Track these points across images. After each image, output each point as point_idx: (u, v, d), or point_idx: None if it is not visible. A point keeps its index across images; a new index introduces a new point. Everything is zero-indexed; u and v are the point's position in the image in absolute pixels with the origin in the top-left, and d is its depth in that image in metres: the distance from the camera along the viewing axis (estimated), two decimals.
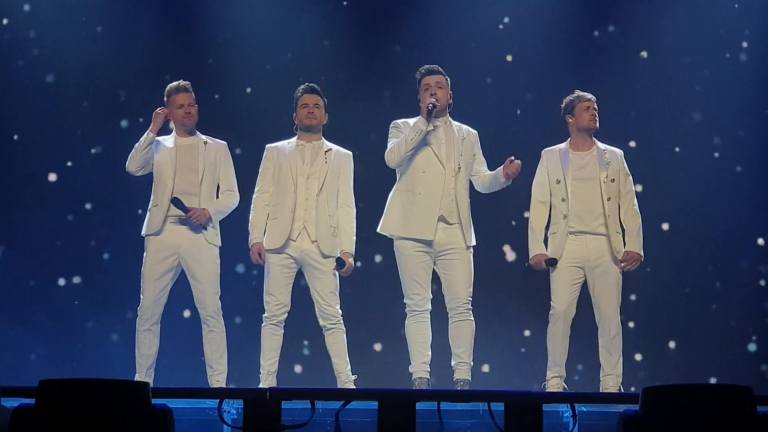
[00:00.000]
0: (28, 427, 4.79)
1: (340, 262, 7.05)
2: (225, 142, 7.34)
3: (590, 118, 7.12)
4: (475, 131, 7.19)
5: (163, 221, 7.11)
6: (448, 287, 7.01)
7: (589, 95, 7.16)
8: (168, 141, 7.24)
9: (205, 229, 7.11)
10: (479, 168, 7.15)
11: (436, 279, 7.08)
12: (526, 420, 5.73)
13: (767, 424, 4.87)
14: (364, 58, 8.93)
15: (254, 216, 7.14)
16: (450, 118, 7.13)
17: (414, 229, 6.97)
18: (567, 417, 6.16)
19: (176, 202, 7.08)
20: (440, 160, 6.99)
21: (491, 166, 7.16)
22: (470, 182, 7.13)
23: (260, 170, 7.21)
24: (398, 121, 7.13)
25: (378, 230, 7.11)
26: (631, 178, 7.14)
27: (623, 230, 7.06)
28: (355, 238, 7.14)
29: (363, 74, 8.90)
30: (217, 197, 7.23)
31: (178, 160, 7.16)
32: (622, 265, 7.02)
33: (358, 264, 7.36)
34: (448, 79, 7.11)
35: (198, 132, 7.30)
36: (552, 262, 7.01)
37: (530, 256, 7.11)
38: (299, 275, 7.17)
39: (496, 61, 8.96)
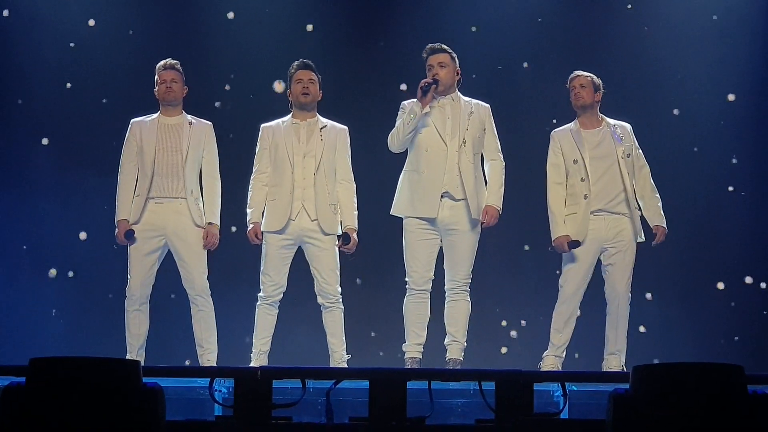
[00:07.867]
0: (18, 405, 4.79)
1: (345, 238, 7.04)
2: (210, 123, 7.28)
3: (573, 98, 7.11)
4: (487, 105, 7.11)
5: (144, 205, 7.08)
6: (448, 266, 7.01)
7: (573, 74, 7.11)
8: (150, 121, 7.18)
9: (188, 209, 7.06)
10: (490, 145, 7.03)
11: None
12: (516, 399, 5.75)
13: (757, 402, 4.88)
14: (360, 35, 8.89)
15: (252, 196, 7.11)
16: (459, 94, 7.07)
17: (418, 208, 6.96)
18: (558, 396, 6.16)
19: None
20: (442, 138, 6.95)
21: (505, 140, 7.11)
22: (482, 157, 7.06)
23: (257, 150, 7.17)
24: (405, 102, 7.07)
25: (391, 212, 7.10)
26: (641, 151, 7.12)
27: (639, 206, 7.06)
28: (356, 213, 7.10)
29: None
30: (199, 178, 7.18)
31: (160, 139, 7.11)
32: (654, 242, 7.04)
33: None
34: (455, 55, 7.04)
35: (185, 112, 7.25)
36: (575, 245, 6.96)
37: (553, 239, 7.04)
38: (298, 254, 7.12)
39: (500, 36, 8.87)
